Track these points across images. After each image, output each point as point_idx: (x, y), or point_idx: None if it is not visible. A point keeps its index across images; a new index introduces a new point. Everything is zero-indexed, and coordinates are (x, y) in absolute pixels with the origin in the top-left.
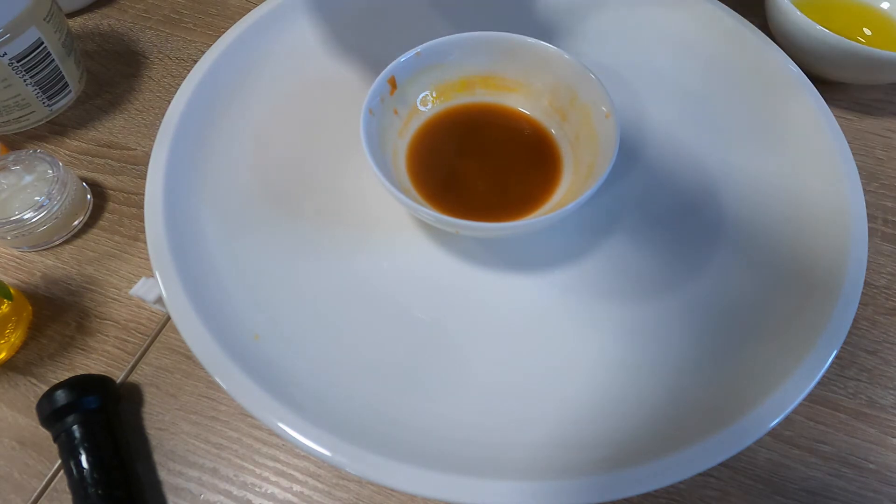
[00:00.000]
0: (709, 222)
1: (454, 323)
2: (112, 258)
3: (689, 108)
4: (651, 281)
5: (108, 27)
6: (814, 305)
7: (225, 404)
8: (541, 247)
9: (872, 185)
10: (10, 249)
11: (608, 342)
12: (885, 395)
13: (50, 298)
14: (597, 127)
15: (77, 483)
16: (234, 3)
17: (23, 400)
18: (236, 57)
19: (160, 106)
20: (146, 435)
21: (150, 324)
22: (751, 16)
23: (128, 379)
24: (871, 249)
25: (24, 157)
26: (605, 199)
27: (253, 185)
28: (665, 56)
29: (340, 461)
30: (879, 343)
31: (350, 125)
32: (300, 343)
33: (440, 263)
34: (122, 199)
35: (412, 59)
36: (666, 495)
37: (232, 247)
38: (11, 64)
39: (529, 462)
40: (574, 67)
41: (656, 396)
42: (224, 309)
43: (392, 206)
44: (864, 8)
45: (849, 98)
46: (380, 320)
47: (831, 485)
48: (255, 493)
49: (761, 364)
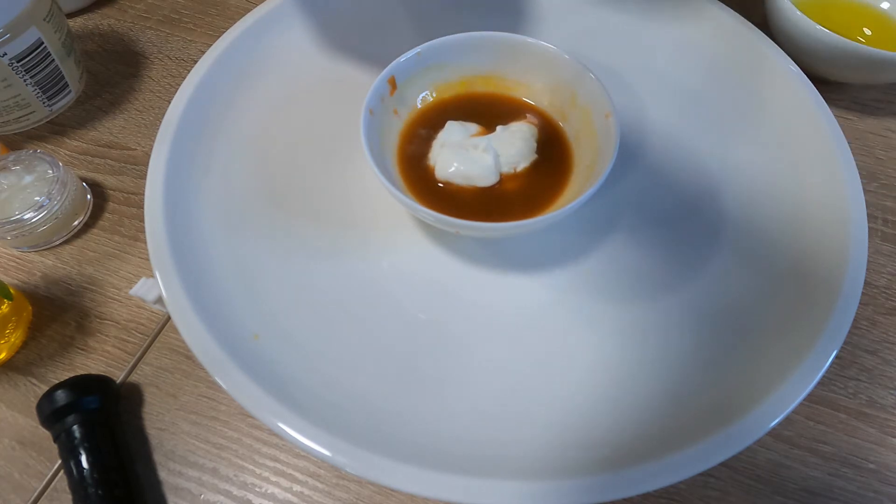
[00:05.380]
0: (708, 222)
1: (454, 323)
2: (112, 258)
3: (689, 108)
4: (651, 281)
5: (108, 27)
6: (814, 305)
7: (225, 404)
8: (541, 247)
9: (872, 185)
10: (10, 249)
11: (608, 342)
12: (885, 395)
13: (50, 298)
14: (597, 127)
15: (77, 483)
16: (234, 3)
17: (23, 400)
18: (236, 57)
19: (160, 106)
20: (146, 435)
21: (150, 324)
22: (751, 16)
23: (128, 379)
24: (871, 249)
25: (24, 157)
26: (605, 199)
27: (253, 185)
28: (665, 56)
29: (340, 461)
30: (879, 343)
31: (350, 125)
32: (300, 343)
33: (440, 263)
34: (122, 199)
35: (412, 59)
36: (666, 495)
37: (232, 247)
38: (11, 64)
39: (529, 462)
40: (574, 67)
41: (656, 396)
42: (224, 309)
43: (392, 206)
44: (864, 8)
45: (849, 98)
46: (380, 320)
47: (831, 485)
48: (255, 493)
49: (761, 364)
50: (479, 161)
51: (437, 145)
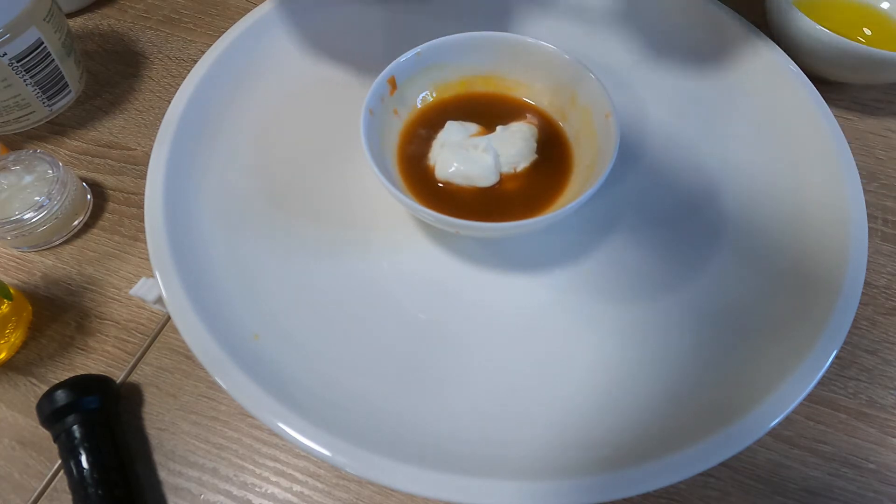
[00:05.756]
0: (708, 222)
1: (454, 323)
2: (112, 258)
3: (688, 108)
4: (651, 281)
5: (108, 27)
6: (814, 305)
7: (225, 404)
8: (541, 247)
9: (872, 185)
10: (10, 249)
11: (608, 342)
12: (885, 395)
13: (50, 298)
14: (597, 127)
15: (77, 483)
16: (234, 3)
17: (23, 400)
18: (236, 57)
19: (160, 106)
20: (146, 435)
21: (150, 324)
22: (751, 16)
23: (128, 379)
24: (871, 249)
25: (24, 157)
26: (605, 199)
27: (253, 185)
28: (665, 56)
29: (340, 461)
30: (879, 343)
31: (350, 125)
32: (300, 343)
33: (440, 263)
34: (122, 199)
35: (412, 59)
36: (666, 495)
37: (232, 247)
38: (11, 64)
39: (529, 462)
40: (574, 67)
41: (656, 396)
42: (224, 309)
43: (392, 206)
44: (864, 8)
45: (849, 98)
46: (380, 320)
47: (831, 485)
48: (255, 493)
49: (761, 364)
50: (480, 161)
51: (437, 145)
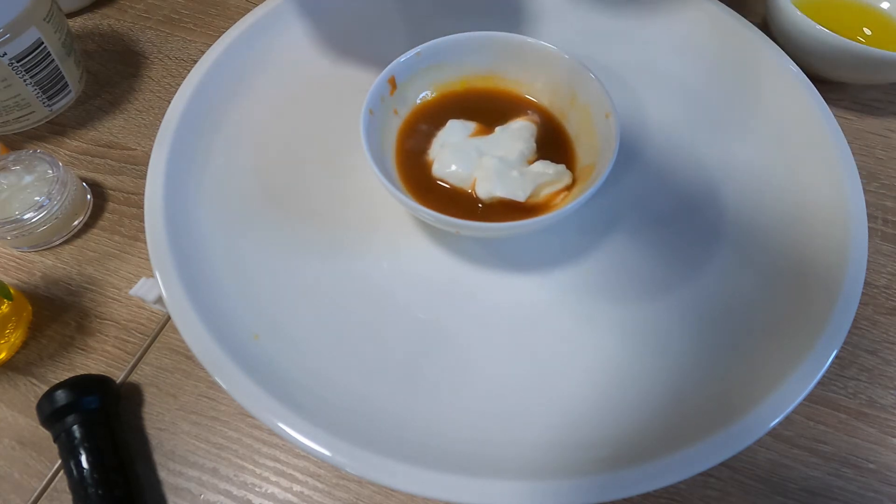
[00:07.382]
0: (708, 222)
1: (454, 323)
2: (112, 258)
3: (688, 107)
4: (651, 281)
5: (108, 27)
6: (814, 305)
7: (225, 404)
8: (541, 247)
9: (872, 185)
10: (10, 249)
11: (608, 342)
12: (885, 395)
13: (50, 298)
14: (597, 127)
15: (77, 483)
16: (234, 3)
17: (23, 400)
18: (236, 57)
19: (160, 106)
20: (146, 435)
21: (150, 324)
22: (751, 16)
23: (128, 379)
24: (871, 249)
25: (24, 157)
26: (605, 199)
27: (253, 185)
28: (665, 56)
29: (340, 461)
30: (879, 343)
31: (350, 125)
32: (300, 343)
33: (440, 263)
34: (122, 199)
35: (412, 59)
36: (666, 495)
37: (232, 247)
38: (11, 64)
39: (529, 462)
40: (574, 67)
41: (656, 396)
42: (224, 309)
43: (392, 206)
44: (864, 8)
45: (849, 98)
46: (380, 320)
47: (831, 485)
48: (255, 493)
49: (761, 364)
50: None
51: (437, 145)
